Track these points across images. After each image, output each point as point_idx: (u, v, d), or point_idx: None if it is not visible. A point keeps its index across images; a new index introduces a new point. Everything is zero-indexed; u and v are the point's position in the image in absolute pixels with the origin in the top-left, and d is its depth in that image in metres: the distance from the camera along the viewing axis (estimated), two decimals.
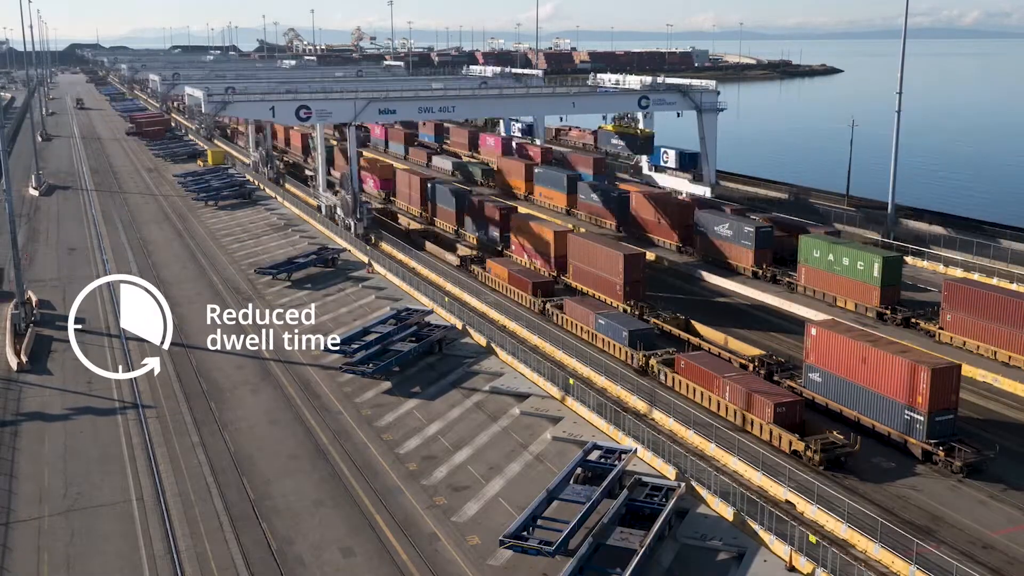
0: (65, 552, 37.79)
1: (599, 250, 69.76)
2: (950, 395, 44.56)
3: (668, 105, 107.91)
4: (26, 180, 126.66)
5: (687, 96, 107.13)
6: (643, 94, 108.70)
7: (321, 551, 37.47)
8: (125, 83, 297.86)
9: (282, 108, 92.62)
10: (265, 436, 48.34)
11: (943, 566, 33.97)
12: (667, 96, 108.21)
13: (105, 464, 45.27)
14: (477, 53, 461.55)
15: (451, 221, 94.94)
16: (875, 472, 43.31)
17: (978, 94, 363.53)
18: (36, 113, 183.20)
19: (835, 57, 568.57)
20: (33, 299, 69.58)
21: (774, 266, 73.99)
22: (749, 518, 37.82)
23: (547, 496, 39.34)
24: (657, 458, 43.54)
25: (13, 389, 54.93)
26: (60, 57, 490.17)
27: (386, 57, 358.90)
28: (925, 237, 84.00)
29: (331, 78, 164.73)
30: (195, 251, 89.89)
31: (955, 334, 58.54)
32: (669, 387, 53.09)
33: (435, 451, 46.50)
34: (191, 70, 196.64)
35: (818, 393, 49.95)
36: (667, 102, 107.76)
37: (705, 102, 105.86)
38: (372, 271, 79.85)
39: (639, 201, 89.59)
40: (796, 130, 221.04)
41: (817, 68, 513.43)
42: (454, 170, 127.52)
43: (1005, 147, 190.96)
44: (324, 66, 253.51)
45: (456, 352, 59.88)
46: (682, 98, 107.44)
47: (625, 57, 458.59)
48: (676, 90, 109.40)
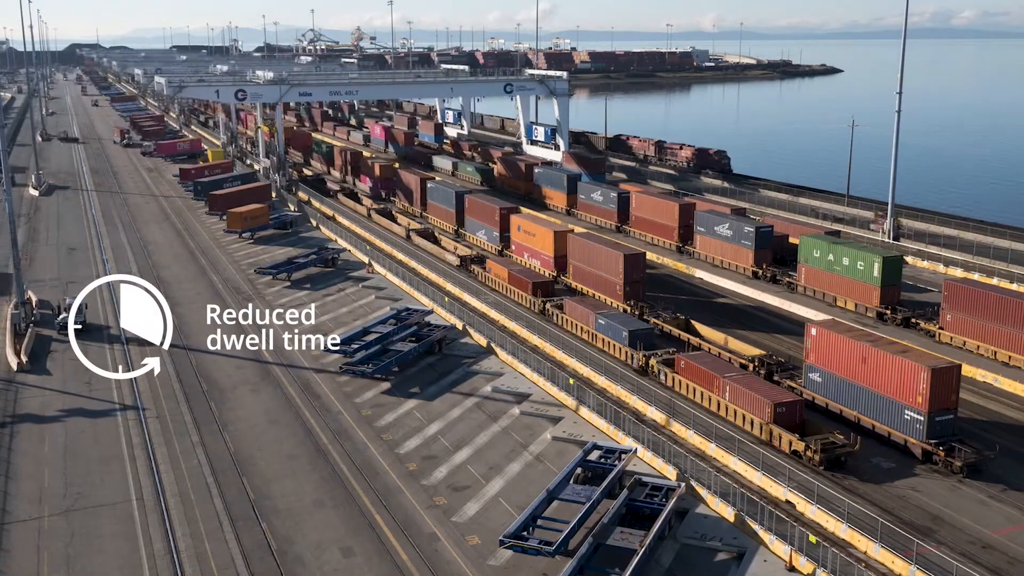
0: (65, 552, 37.79)
1: (599, 250, 69.75)
2: (950, 395, 44.56)
3: (528, 91, 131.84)
4: (26, 180, 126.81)
5: (543, 83, 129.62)
6: (508, 81, 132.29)
7: (321, 551, 37.47)
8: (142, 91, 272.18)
9: (224, 91, 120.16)
10: (265, 436, 48.34)
11: (943, 566, 33.98)
12: (528, 83, 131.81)
13: (105, 464, 45.27)
14: (477, 53, 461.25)
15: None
16: (875, 472, 43.31)
17: (977, 94, 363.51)
18: (36, 113, 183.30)
19: (835, 57, 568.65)
20: (33, 299, 69.57)
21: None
22: (749, 518, 37.83)
23: (547, 496, 39.34)
24: (657, 458, 43.55)
25: (13, 389, 54.94)
26: (60, 57, 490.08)
27: (387, 58, 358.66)
28: (925, 237, 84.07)
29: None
30: (195, 251, 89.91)
31: (955, 334, 58.55)
32: (669, 387, 53.09)
33: (435, 451, 46.51)
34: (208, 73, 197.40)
35: (818, 393, 49.95)
36: (527, 88, 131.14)
37: (558, 88, 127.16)
38: (372, 271, 79.86)
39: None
40: (796, 130, 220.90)
41: (817, 68, 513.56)
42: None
43: (1005, 146, 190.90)
44: (343, 68, 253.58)
45: (456, 352, 59.88)
46: (539, 85, 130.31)
47: (625, 57, 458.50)
48: (535, 79, 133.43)
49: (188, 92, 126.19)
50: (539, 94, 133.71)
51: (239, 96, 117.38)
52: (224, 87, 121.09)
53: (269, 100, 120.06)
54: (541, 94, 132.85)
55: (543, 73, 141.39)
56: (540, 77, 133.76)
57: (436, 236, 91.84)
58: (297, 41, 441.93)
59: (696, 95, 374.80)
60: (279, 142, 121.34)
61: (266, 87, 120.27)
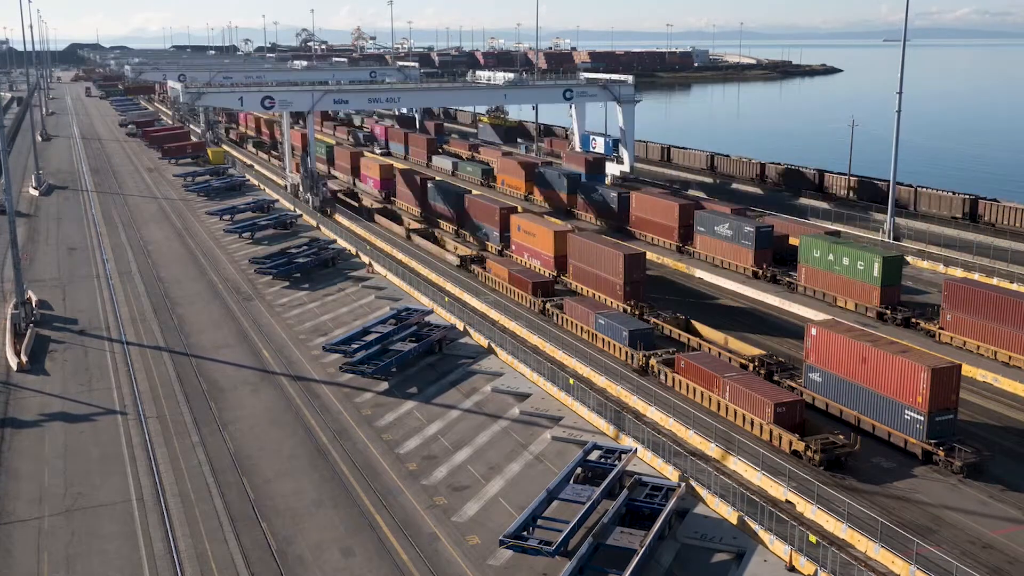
0: (65, 552, 37.78)
1: (599, 250, 69.71)
2: (950, 395, 44.53)
3: (590, 97, 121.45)
4: (26, 180, 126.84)
5: (607, 89, 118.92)
6: (568, 86, 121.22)
7: (321, 551, 37.46)
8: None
9: (249, 98, 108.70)
10: (265, 436, 48.32)
11: (943, 566, 33.97)
12: (589, 89, 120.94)
13: (105, 464, 45.28)
14: (477, 53, 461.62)
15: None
16: (875, 472, 43.28)
17: (977, 93, 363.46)
18: (36, 113, 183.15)
19: (835, 57, 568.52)
20: (33, 299, 69.57)
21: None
22: (749, 518, 37.82)
23: (547, 496, 39.33)
24: (657, 458, 43.53)
25: (13, 389, 54.93)
26: (60, 57, 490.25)
27: (387, 58, 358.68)
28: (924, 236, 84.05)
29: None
30: (195, 251, 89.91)
31: (955, 334, 58.53)
32: (669, 387, 53.08)
33: (435, 451, 46.49)
34: (231, 73, 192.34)
35: (818, 393, 49.93)
36: (589, 94, 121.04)
37: (623, 94, 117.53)
38: (372, 271, 79.86)
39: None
40: (796, 131, 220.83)
41: (817, 68, 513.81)
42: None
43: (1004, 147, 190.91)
44: (332, 67, 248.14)
45: (456, 352, 59.86)
46: (602, 91, 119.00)
47: (625, 57, 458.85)
48: (597, 84, 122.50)
49: (207, 100, 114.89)
50: (602, 100, 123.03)
51: (266, 104, 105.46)
52: (249, 94, 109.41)
53: (301, 108, 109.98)
54: (604, 100, 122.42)
55: (606, 77, 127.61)
56: (603, 82, 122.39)
57: (437, 238, 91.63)
58: (301, 43, 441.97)
59: (704, 95, 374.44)
60: (310, 155, 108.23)
61: (297, 94, 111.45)
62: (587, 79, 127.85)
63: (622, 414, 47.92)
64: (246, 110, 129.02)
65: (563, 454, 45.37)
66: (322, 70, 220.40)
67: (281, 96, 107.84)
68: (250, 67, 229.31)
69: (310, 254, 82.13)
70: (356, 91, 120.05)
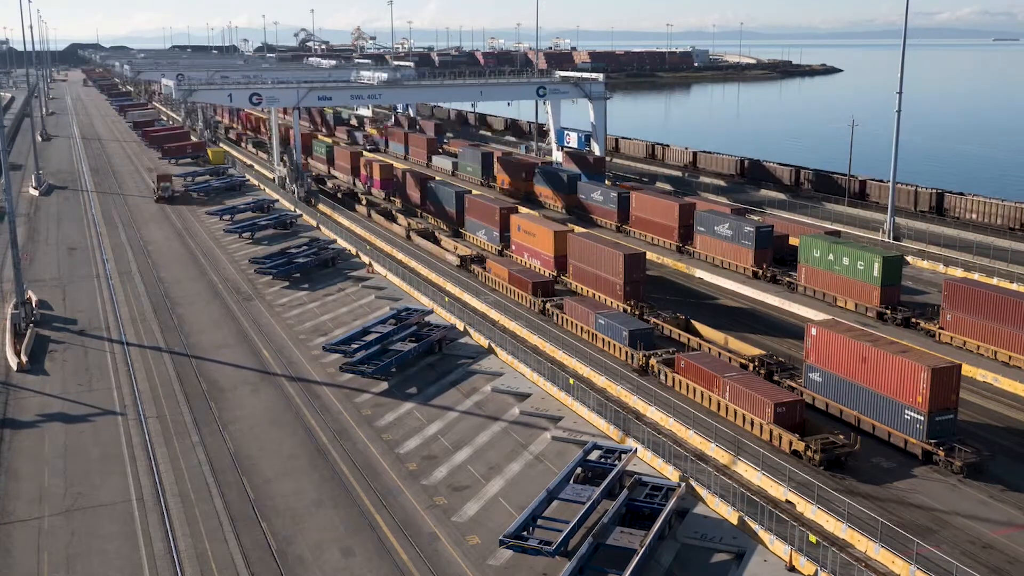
0: (65, 552, 37.77)
1: (599, 250, 69.70)
2: (950, 395, 44.53)
3: (563, 94, 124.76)
4: (26, 180, 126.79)
5: (578, 86, 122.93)
6: (541, 84, 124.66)
7: (321, 551, 37.45)
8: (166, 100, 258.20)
9: (238, 95, 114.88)
10: (265, 436, 48.31)
11: (943, 566, 33.96)
12: (561, 86, 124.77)
13: (105, 464, 45.27)
14: (477, 53, 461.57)
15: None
16: (875, 472, 43.28)
17: (977, 93, 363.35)
18: (36, 113, 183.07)
19: (835, 57, 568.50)
20: (33, 299, 69.55)
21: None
22: (749, 518, 37.81)
23: (547, 496, 39.32)
24: (657, 458, 43.53)
25: (13, 389, 54.92)
26: (60, 57, 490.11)
27: (387, 58, 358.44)
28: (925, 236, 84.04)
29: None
30: (195, 251, 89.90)
31: (955, 334, 58.53)
32: (669, 387, 53.07)
33: (435, 451, 46.48)
34: (228, 73, 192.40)
35: (818, 393, 49.92)
36: (561, 91, 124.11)
37: (594, 91, 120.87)
38: (372, 271, 79.86)
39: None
40: (796, 130, 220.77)
41: (817, 68, 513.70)
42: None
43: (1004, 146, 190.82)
44: (355, 67, 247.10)
45: (456, 352, 59.85)
46: (574, 88, 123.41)
47: (625, 57, 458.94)
48: (569, 81, 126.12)
49: (199, 96, 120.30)
50: (574, 97, 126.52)
51: (254, 100, 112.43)
52: (237, 91, 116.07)
53: (286, 104, 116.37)
54: (576, 97, 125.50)
55: (578, 75, 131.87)
56: (575, 80, 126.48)
57: (436, 236, 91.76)
58: (300, 43, 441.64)
59: (706, 94, 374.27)
60: (296, 148, 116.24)
61: (283, 91, 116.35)
62: (560, 76, 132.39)
63: (622, 414, 47.91)
64: (235, 106, 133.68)
65: (563, 454, 45.36)
66: (346, 68, 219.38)
67: (268, 93, 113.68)
68: (249, 68, 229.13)
69: (310, 254, 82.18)
70: (339, 88, 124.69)
